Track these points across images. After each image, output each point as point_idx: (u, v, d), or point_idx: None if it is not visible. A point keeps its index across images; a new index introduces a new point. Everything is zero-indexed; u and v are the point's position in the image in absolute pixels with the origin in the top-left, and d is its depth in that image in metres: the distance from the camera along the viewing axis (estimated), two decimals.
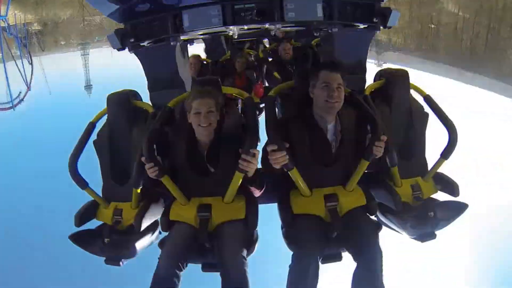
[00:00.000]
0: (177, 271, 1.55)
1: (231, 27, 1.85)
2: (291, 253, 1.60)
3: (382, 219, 2.01)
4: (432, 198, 1.99)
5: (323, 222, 1.68)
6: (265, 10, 1.81)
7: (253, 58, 4.36)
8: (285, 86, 1.96)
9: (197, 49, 4.30)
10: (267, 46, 5.18)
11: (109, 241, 1.88)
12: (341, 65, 1.68)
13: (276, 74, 3.48)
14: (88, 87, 11.84)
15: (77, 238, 1.91)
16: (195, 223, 1.69)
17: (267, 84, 4.00)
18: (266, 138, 1.64)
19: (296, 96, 1.88)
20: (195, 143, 1.76)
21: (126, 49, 2.02)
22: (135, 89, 2.13)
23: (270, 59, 4.22)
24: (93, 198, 1.99)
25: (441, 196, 2.02)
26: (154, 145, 1.81)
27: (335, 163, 1.72)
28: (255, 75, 3.96)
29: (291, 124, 1.73)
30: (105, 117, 2.10)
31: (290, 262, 1.56)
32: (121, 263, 1.93)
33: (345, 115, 1.75)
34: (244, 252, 1.62)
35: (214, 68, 4.12)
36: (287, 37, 4.19)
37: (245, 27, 2.04)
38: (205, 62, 4.23)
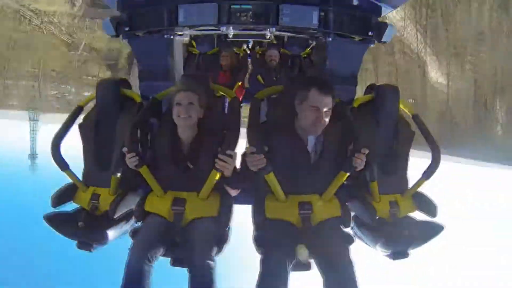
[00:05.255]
0: (148, 263, 1.55)
1: (224, 27, 1.85)
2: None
3: (357, 232, 2.01)
4: (409, 216, 1.99)
5: (295, 229, 1.67)
6: (261, 13, 1.82)
7: (241, 56, 4.25)
8: (273, 91, 1.97)
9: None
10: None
11: (83, 226, 1.88)
12: (333, 87, 1.65)
13: (259, 77, 3.47)
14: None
15: (51, 219, 1.91)
16: (169, 216, 1.70)
17: (247, 85, 3.92)
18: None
19: (283, 102, 1.88)
20: (177, 138, 1.77)
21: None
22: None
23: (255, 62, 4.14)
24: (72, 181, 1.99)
25: (418, 215, 2.02)
26: (138, 135, 1.83)
27: (313, 172, 1.73)
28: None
29: (273, 129, 1.73)
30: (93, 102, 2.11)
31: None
32: (92, 249, 1.94)
33: (329, 126, 1.74)
34: (214, 252, 1.64)
35: (200, 60, 4.09)
36: (277, 44, 4.17)
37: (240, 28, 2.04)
38: (193, 53, 4.19)
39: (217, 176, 1.66)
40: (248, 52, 4.60)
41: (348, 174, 1.66)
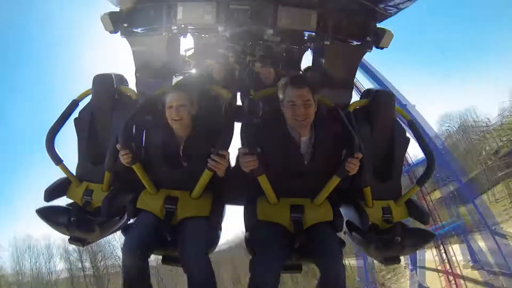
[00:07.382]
0: (142, 260, 1.57)
1: (222, 27, 1.85)
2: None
3: (349, 237, 2.00)
4: (401, 223, 1.98)
5: (287, 232, 1.67)
6: (259, 14, 1.82)
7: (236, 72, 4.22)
8: (270, 92, 1.96)
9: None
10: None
11: (75, 221, 1.88)
12: (309, 79, 1.67)
13: (252, 92, 3.44)
14: None
15: (44, 213, 1.92)
16: (161, 214, 1.70)
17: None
18: None
19: (276, 104, 1.87)
20: (172, 136, 1.77)
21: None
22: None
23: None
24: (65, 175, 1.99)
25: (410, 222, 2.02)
26: (133, 132, 1.83)
27: (306, 176, 1.72)
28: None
29: (267, 131, 1.73)
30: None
31: None
32: (84, 244, 1.94)
33: (323, 129, 1.74)
34: (207, 251, 1.63)
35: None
36: (273, 62, 4.10)
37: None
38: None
39: (210, 176, 1.65)
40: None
41: (340, 179, 1.65)
